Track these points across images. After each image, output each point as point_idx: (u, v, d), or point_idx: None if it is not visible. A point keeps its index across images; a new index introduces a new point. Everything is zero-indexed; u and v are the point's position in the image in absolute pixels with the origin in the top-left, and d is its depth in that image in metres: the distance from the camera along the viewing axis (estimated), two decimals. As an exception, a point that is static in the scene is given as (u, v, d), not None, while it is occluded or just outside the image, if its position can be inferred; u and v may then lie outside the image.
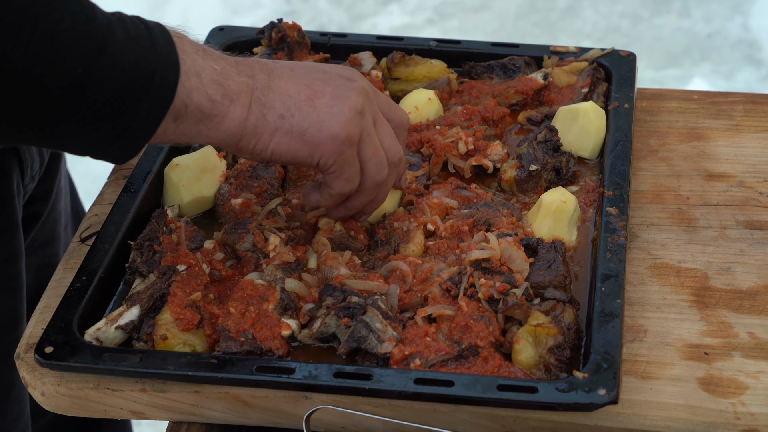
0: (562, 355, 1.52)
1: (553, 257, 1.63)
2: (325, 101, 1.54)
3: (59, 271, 1.74)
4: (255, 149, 1.52)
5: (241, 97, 1.49)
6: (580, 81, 2.00)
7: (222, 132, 1.49)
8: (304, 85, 1.55)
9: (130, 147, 1.43)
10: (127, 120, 1.39)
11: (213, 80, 1.46)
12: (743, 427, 1.47)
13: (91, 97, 1.35)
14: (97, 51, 1.33)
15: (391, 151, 1.63)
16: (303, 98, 1.54)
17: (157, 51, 1.40)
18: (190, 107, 1.44)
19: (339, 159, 1.55)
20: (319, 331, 1.57)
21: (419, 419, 1.51)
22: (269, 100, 1.52)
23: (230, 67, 1.50)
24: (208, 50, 1.50)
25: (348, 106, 1.55)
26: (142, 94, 1.38)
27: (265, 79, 1.53)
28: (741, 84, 4.76)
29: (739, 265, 1.71)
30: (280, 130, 1.52)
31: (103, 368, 1.52)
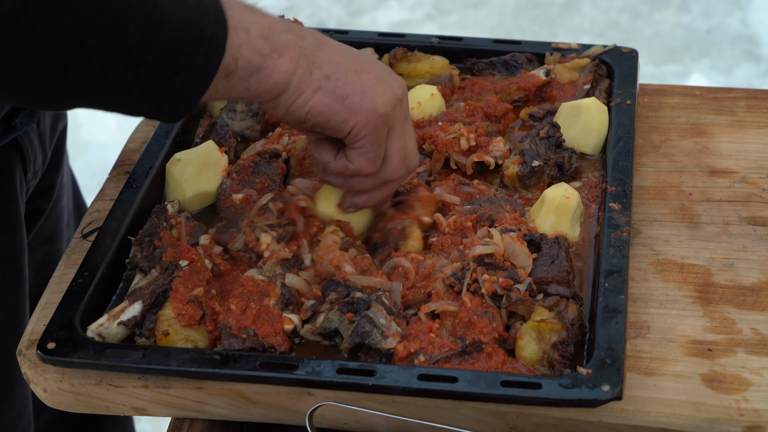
0: (565, 351, 1.52)
1: (556, 253, 1.63)
2: (370, 77, 1.56)
3: (61, 267, 1.74)
4: (294, 105, 1.52)
5: (290, 51, 1.50)
6: (582, 77, 2.00)
7: (270, 85, 1.49)
8: (351, 58, 1.56)
9: (185, 104, 1.43)
10: (181, 77, 1.39)
11: (261, 35, 1.47)
12: (747, 423, 1.47)
13: (145, 56, 1.35)
14: (148, 10, 1.33)
15: (411, 155, 1.64)
16: (350, 67, 1.55)
17: (204, 7, 1.40)
18: (240, 61, 1.45)
19: (371, 133, 1.56)
20: (322, 327, 1.56)
21: (422, 416, 1.51)
22: (317, 59, 1.53)
23: (277, 24, 1.50)
24: (254, 8, 1.51)
25: (390, 91, 1.57)
26: (194, 50, 1.39)
27: (314, 42, 1.54)
28: (740, 80, 4.76)
29: (742, 261, 1.71)
30: (324, 89, 1.52)
31: (105, 364, 1.52)
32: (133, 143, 2.00)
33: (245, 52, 1.45)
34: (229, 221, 1.72)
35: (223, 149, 1.86)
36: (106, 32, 1.30)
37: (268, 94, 1.50)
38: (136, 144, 1.99)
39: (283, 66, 1.49)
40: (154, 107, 1.42)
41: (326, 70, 1.53)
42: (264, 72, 1.48)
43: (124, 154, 1.97)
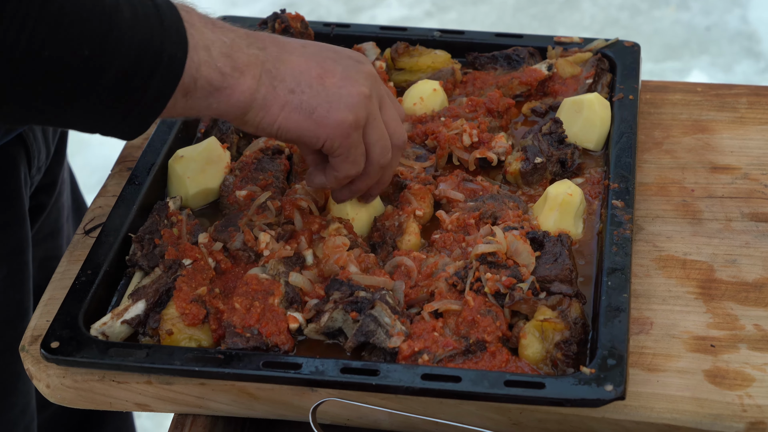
0: (569, 350, 1.52)
1: (559, 251, 1.63)
2: (335, 81, 1.54)
3: (63, 264, 1.74)
4: (262, 123, 1.51)
5: (251, 69, 1.48)
6: (584, 72, 2.00)
7: (231, 104, 1.48)
8: (315, 62, 1.55)
9: (140, 124, 1.42)
10: (136, 98, 1.38)
11: (222, 53, 1.45)
12: (750, 419, 1.47)
13: (99, 78, 1.34)
14: (104, 33, 1.32)
15: (396, 134, 1.63)
16: (314, 75, 1.53)
17: (165, 28, 1.39)
18: (199, 81, 1.43)
19: (345, 142, 1.55)
20: (326, 326, 1.56)
21: (425, 411, 1.51)
22: (280, 72, 1.51)
23: (240, 40, 1.49)
24: (217, 23, 1.49)
25: (357, 89, 1.55)
26: (151, 72, 1.37)
27: (276, 51, 1.52)
28: (740, 76, 4.76)
29: (744, 257, 1.70)
30: (289, 105, 1.51)
31: (109, 363, 1.51)
32: (135, 140, 2.00)
33: (205, 72, 1.44)
34: (228, 220, 1.71)
35: (226, 145, 1.86)
36: (59, 54, 1.30)
37: (232, 112, 1.50)
38: (138, 140, 1.99)
39: (244, 84, 1.48)
40: (108, 127, 1.42)
41: (290, 83, 1.52)
42: (225, 91, 1.47)
43: (125, 150, 1.97)
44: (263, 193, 1.75)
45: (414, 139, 1.87)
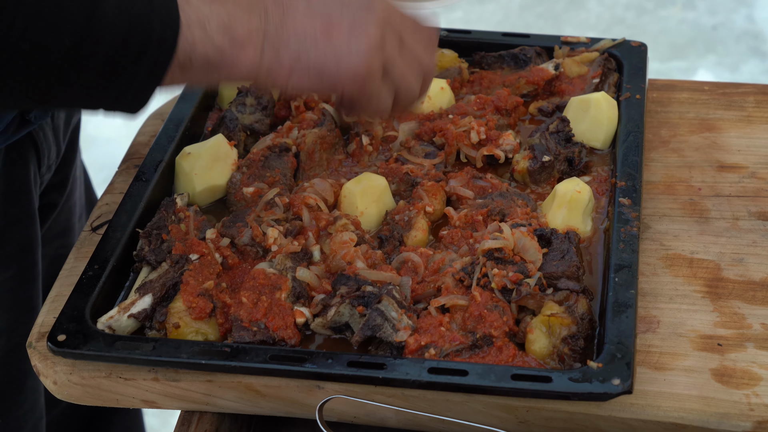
0: (575, 345, 1.52)
1: (566, 248, 1.63)
2: (342, 35, 1.49)
3: (71, 260, 1.74)
4: (274, 85, 1.51)
5: (252, 41, 1.44)
6: (591, 71, 2.00)
7: (234, 76, 1.46)
8: (319, 17, 1.49)
9: (138, 101, 1.40)
10: (127, 79, 1.36)
11: (220, 27, 1.42)
12: (757, 418, 1.47)
13: (85, 64, 1.32)
14: (85, 19, 1.30)
15: (423, 64, 1.60)
16: (319, 32, 1.48)
17: (155, 7, 1.36)
18: (195, 59, 1.40)
19: (363, 93, 1.53)
20: (332, 320, 1.56)
21: (432, 409, 1.51)
22: (283, 38, 1.47)
23: (240, 10, 1.44)
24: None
25: (366, 41, 1.50)
26: (140, 54, 1.35)
27: (279, 15, 1.48)
28: (746, 76, 4.76)
29: (751, 256, 1.70)
30: (297, 71, 1.48)
31: (115, 356, 1.52)
32: (142, 137, 2.00)
33: (201, 50, 1.40)
34: (236, 216, 1.72)
35: (233, 143, 1.86)
36: (40, 44, 1.28)
37: (239, 81, 1.49)
38: (145, 137, 1.99)
39: (246, 58, 1.44)
40: (106, 105, 1.40)
41: (294, 48, 1.47)
42: (226, 67, 1.44)
43: (133, 147, 1.97)
44: (271, 189, 1.75)
45: (422, 136, 1.87)
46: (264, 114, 1.93)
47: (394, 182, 1.79)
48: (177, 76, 1.40)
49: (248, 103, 1.92)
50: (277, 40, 1.47)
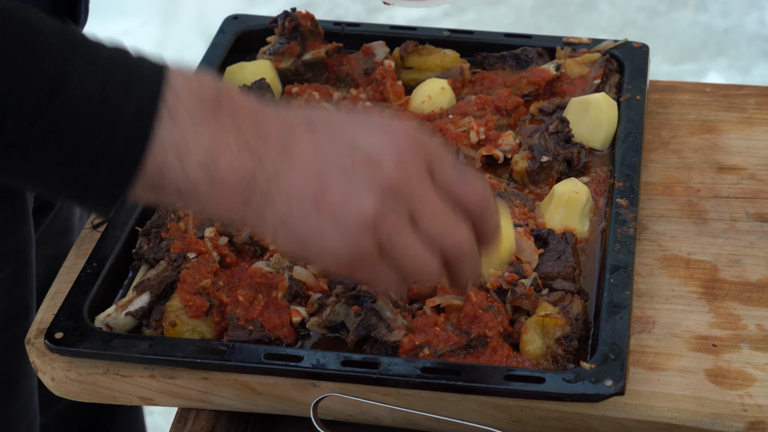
0: (569, 346, 1.52)
1: (563, 248, 1.63)
2: (332, 203, 1.23)
3: (71, 258, 1.75)
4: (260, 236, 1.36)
5: (236, 187, 1.22)
6: (593, 72, 2.00)
7: (213, 214, 1.26)
8: (316, 175, 1.23)
9: (100, 206, 1.23)
10: (85, 183, 1.19)
11: (199, 162, 1.20)
12: (750, 418, 1.47)
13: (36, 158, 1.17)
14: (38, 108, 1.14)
15: (447, 235, 1.27)
16: (310, 197, 1.23)
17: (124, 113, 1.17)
18: (166, 185, 1.21)
19: (353, 273, 1.28)
20: (328, 320, 1.57)
21: (427, 408, 1.51)
22: (271, 194, 1.23)
23: (230, 142, 1.21)
24: (219, 112, 1.22)
25: (358, 214, 1.22)
26: (96, 162, 1.18)
27: (275, 161, 1.23)
28: (757, 79, 4.75)
29: (748, 257, 1.71)
30: (281, 236, 1.25)
31: (112, 354, 1.52)
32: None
33: (172, 177, 1.20)
34: None
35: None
36: None
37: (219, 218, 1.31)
38: (147, 136, 2.00)
39: (224, 201, 1.22)
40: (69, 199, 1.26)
41: (280, 210, 1.23)
42: (199, 202, 1.23)
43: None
44: None
45: (422, 136, 1.88)
46: (265, 113, 1.93)
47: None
48: (146, 194, 1.22)
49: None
50: (265, 194, 1.23)
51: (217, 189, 1.21)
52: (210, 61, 2.04)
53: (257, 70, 1.98)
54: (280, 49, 2.03)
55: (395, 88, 1.96)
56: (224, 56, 2.06)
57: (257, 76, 1.96)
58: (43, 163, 1.18)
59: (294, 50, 2.02)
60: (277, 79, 2.00)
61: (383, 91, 1.96)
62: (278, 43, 2.05)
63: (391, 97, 1.96)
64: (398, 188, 1.23)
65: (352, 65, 2.04)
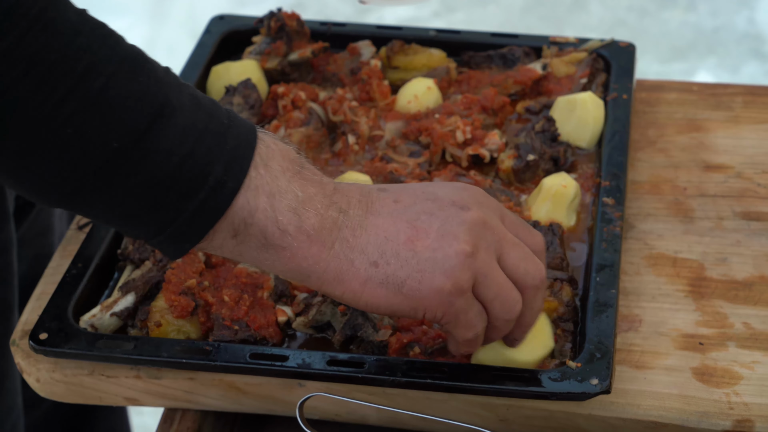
0: (566, 327, 1.53)
1: (550, 239, 1.63)
2: (428, 243, 1.28)
3: (56, 258, 1.74)
4: (344, 297, 1.30)
5: (322, 235, 1.26)
6: (579, 71, 2.00)
7: (293, 268, 1.28)
8: (405, 221, 1.29)
9: (173, 246, 1.25)
10: (168, 217, 1.22)
11: (290, 207, 1.24)
12: (737, 416, 1.47)
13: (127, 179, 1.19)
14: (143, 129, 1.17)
15: (530, 274, 1.35)
16: (402, 240, 1.28)
17: (226, 151, 1.21)
18: (252, 229, 1.24)
19: (449, 311, 1.31)
20: (314, 319, 1.56)
21: (413, 407, 1.51)
22: (360, 242, 1.28)
23: (319, 196, 1.26)
24: (303, 172, 1.27)
25: (455, 249, 1.28)
26: (190, 192, 1.20)
27: (360, 215, 1.29)
28: (746, 78, 4.75)
29: (735, 255, 1.71)
30: (373, 280, 1.28)
31: (97, 355, 1.52)
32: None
33: (261, 221, 1.23)
34: None
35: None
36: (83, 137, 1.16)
37: (293, 276, 1.30)
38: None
39: (309, 252, 1.26)
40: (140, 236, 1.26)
41: (372, 254, 1.28)
42: (284, 252, 1.26)
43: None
44: None
45: (408, 135, 1.88)
46: (251, 113, 1.93)
47: (379, 180, 1.80)
48: (227, 242, 1.25)
49: (235, 102, 1.92)
50: (353, 242, 1.28)
51: (304, 235, 1.25)
52: (196, 61, 2.04)
53: (243, 70, 1.98)
54: (266, 49, 2.03)
55: (381, 87, 1.96)
56: (210, 56, 2.06)
57: (243, 76, 1.96)
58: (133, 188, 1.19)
59: (280, 50, 2.02)
60: (263, 79, 2.00)
61: (369, 90, 1.96)
62: (264, 43, 2.04)
63: (378, 97, 1.96)
64: (486, 225, 1.31)
65: (338, 65, 2.04)
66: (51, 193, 1.21)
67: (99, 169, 1.18)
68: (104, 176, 1.18)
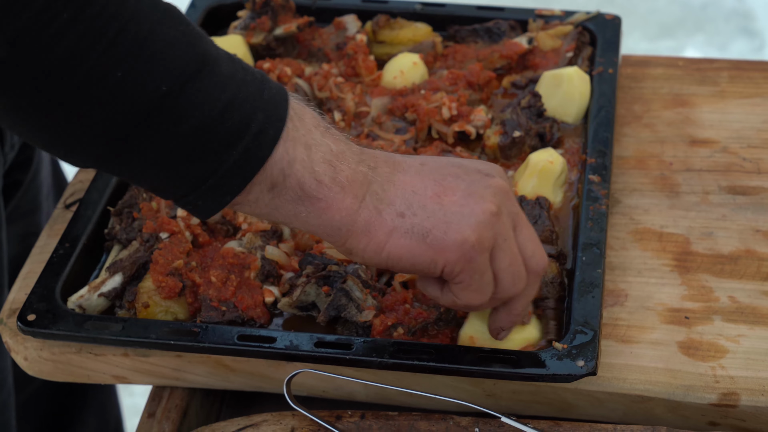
0: (546, 305, 1.53)
1: (538, 213, 1.63)
2: (455, 199, 1.32)
3: (43, 237, 1.74)
4: (366, 250, 1.32)
5: (354, 187, 1.29)
6: (565, 45, 2.00)
7: (325, 221, 1.30)
8: (432, 180, 1.34)
9: (211, 200, 1.26)
10: (209, 166, 1.22)
11: (325, 159, 1.27)
12: (722, 390, 1.48)
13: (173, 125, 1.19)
14: (190, 74, 1.18)
15: (536, 258, 1.39)
16: (429, 195, 1.32)
17: (264, 100, 1.23)
18: (289, 180, 1.26)
19: (468, 267, 1.33)
20: (299, 300, 1.56)
21: (400, 383, 1.52)
22: (388, 195, 1.31)
23: (351, 153, 1.30)
24: (331, 130, 1.31)
25: (482, 206, 1.32)
26: (233, 140, 1.21)
27: (387, 172, 1.33)
28: (734, 54, 4.75)
29: (720, 230, 1.71)
30: (398, 230, 1.31)
31: (85, 336, 1.52)
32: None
33: (298, 171, 1.25)
34: None
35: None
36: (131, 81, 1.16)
37: (326, 231, 1.31)
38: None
39: (343, 203, 1.28)
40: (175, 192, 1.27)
41: (400, 206, 1.31)
42: (318, 204, 1.28)
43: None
44: None
45: (394, 111, 1.87)
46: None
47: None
48: (263, 196, 1.27)
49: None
50: (382, 195, 1.31)
51: (338, 185, 1.28)
52: (182, 39, 2.02)
53: (228, 45, 1.97)
54: (251, 24, 2.02)
55: (367, 63, 1.96)
56: (196, 33, 2.05)
57: (229, 51, 1.92)
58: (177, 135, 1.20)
59: (265, 25, 2.01)
60: (248, 54, 1.99)
61: (355, 66, 1.95)
62: (249, 17, 2.03)
63: (363, 72, 1.95)
64: (508, 195, 1.36)
65: (323, 40, 2.03)
66: (96, 145, 1.21)
67: (147, 115, 1.18)
68: (153, 122, 1.19)
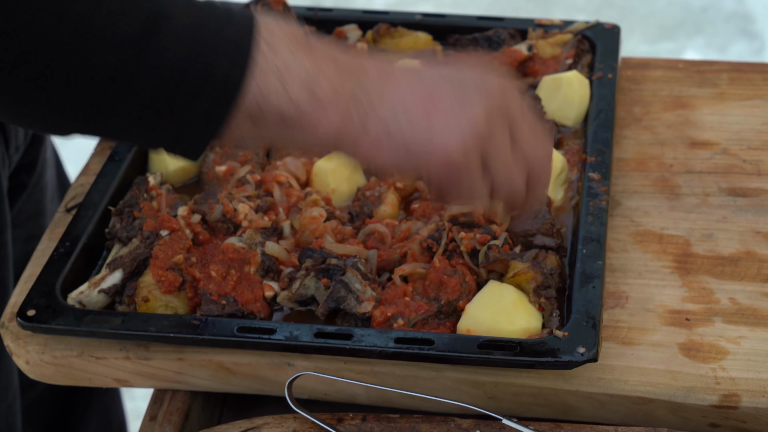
0: (548, 294, 1.53)
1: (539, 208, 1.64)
2: (442, 112, 1.29)
3: (44, 241, 1.75)
4: (356, 157, 1.32)
5: (338, 103, 1.26)
6: (565, 53, 2.00)
7: (314, 138, 1.28)
8: (422, 87, 1.31)
9: (194, 144, 1.26)
10: (182, 117, 1.22)
11: (302, 82, 1.24)
12: (723, 391, 1.48)
13: (133, 91, 1.19)
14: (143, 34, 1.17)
15: (537, 152, 1.38)
16: (417, 105, 1.29)
17: (223, 40, 1.21)
18: (268, 112, 1.24)
19: (449, 174, 1.32)
20: (298, 293, 1.57)
21: (401, 385, 1.52)
22: (374, 107, 1.28)
23: (331, 68, 1.27)
24: (311, 42, 1.27)
25: (468, 123, 1.29)
26: (197, 90, 1.20)
27: (377, 84, 1.30)
28: (734, 56, 4.76)
29: (721, 231, 1.71)
30: (382, 144, 1.29)
31: (85, 330, 1.52)
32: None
33: (274, 102, 1.23)
34: (207, 193, 1.72)
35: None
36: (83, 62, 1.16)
37: (314, 146, 1.31)
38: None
39: (329, 121, 1.26)
40: (159, 144, 1.27)
41: (384, 119, 1.28)
42: (303, 127, 1.26)
43: (108, 129, 1.98)
44: (243, 168, 1.76)
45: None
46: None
47: (365, 167, 1.80)
48: (247, 128, 1.25)
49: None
50: (368, 108, 1.28)
51: (320, 107, 1.25)
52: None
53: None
54: (253, 33, 2.02)
55: (368, 68, 1.96)
56: (198, 39, 2.05)
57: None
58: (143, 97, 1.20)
59: (267, 33, 2.01)
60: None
61: (356, 71, 1.96)
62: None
63: (364, 78, 1.95)
64: (504, 107, 1.33)
65: (324, 49, 2.03)
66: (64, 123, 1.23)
67: (106, 88, 1.18)
68: (112, 94, 1.19)
